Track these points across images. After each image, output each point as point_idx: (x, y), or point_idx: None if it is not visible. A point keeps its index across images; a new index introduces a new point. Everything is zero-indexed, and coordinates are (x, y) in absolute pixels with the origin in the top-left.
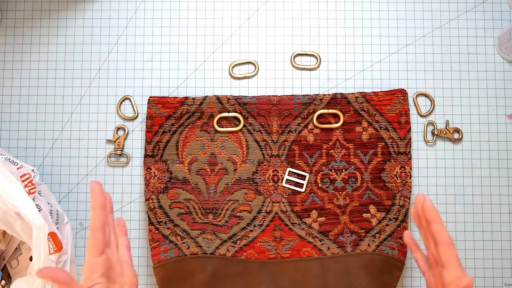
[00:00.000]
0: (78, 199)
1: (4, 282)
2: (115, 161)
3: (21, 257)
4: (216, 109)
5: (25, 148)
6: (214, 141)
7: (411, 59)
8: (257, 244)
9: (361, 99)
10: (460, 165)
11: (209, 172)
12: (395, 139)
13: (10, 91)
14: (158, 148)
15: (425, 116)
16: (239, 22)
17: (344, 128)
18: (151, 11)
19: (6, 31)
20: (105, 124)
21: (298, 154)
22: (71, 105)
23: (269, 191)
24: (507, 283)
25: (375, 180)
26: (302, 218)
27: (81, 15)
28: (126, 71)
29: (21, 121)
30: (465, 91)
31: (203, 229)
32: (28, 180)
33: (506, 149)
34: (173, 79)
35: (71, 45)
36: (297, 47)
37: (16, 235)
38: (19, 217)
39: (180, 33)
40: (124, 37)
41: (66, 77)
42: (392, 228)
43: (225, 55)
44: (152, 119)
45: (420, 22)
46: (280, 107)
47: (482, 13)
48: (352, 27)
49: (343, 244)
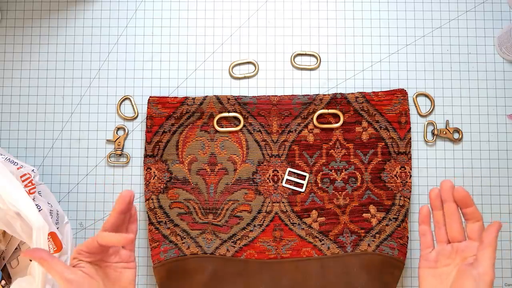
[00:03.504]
0: (78, 199)
1: (4, 282)
2: (115, 161)
3: (21, 257)
4: (216, 109)
5: (25, 148)
6: (214, 141)
7: (411, 59)
8: (257, 244)
9: (361, 99)
10: (460, 165)
11: (209, 172)
12: (395, 139)
13: (10, 91)
14: (158, 148)
15: (425, 116)
16: (239, 22)
17: (344, 128)
18: (151, 11)
19: (6, 31)
20: (105, 124)
21: (298, 154)
22: (71, 105)
23: (269, 191)
24: (507, 283)
25: (375, 180)
26: (302, 218)
27: (81, 15)
28: (126, 71)
29: (21, 121)
30: (465, 91)
31: (203, 229)
32: (28, 180)
33: (506, 149)
34: (173, 79)
35: (71, 45)
36: (297, 47)
37: (16, 235)
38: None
39: (180, 33)
40: (124, 37)
41: (66, 77)
42: (392, 228)
43: (225, 55)
44: (152, 119)
45: (420, 22)
46: (280, 107)
47: (482, 13)
48: (352, 27)
49: (343, 244)
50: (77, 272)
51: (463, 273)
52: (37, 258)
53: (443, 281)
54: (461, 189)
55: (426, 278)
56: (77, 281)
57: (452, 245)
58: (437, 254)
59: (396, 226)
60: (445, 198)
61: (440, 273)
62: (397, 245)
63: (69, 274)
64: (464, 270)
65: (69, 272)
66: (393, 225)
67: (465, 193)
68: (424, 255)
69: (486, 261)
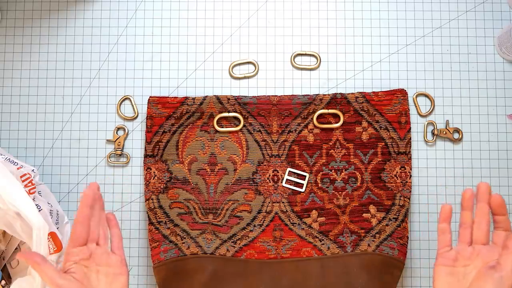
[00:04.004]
0: (78, 199)
1: (4, 282)
2: (115, 161)
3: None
4: (216, 109)
5: (25, 148)
6: (214, 141)
7: (411, 59)
8: (257, 244)
9: (361, 99)
10: (460, 165)
11: (209, 172)
12: (395, 139)
13: (10, 91)
14: (158, 148)
15: (425, 116)
16: (239, 22)
17: (344, 128)
18: (151, 11)
19: (6, 31)
20: (105, 124)
21: (298, 154)
22: (71, 105)
23: (269, 191)
24: None
25: (375, 180)
26: (302, 218)
27: (81, 15)
28: (126, 71)
29: (21, 121)
30: (465, 91)
31: (203, 229)
32: (28, 180)
33: (506, 149)
34: (173, 79)
35: (71, 45)
36: (297, 47)
37: (16, 235)
38: (19, 217)
39: (180, 33)
40: (124, 37)
41: (66, 77)
42: (392, 228)
43: (225, 55)
44: (152, 119)
45: (420, 22)
46: (280, 107)
47: (482, 13)
48: (352, 27)
49: (343, 244)
50: (67, 277)
51: (484, 275)
52: (31, 261)
53: (460, 280)
54: (499, 196)
55: (442, 275)
56: (67, 286)
57: (474, 247)
58: (456, 253)
59: (396, 226)
60: (480, 199)
61: (457, 272)
62: (397, 245)
63: (60, 280)
64: (485, 272)
65: (59, 277)
66: (393, 225)
67: (503, 201)
68: (442, 253)
69: (509, 266)
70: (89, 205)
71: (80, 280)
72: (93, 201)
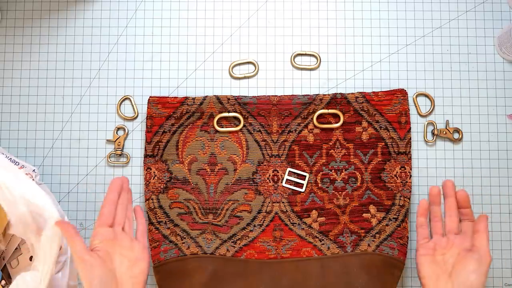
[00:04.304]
0: (78, 199)
1: (4, 282)
2: (115, 161)
3: (21, 257)
4: (216, 109)
5: (25, 148)
6: (214, 141)
7: (411, 59)
8: (257, 244)
9: (361, 99)
10: (460, 165)
11: (209, 172)
12: (395, 139)
13: (10, 91)
14: (158, 148)
15: (425, 116)
16: (239, 22)
17: (344, 128)
18: (151, 11)
19: (6, 31)
20: (105, 124)
21: (298, 154)
22: (71, 105)
23: (269, 191)
24: (507, 283)
25: (375, 180)
26: (302, 218)
27: (81, 15)
28: (126, 71)
29: (21, 121)
30: (465, 91)
31: (203, 229)
32: None
33: (506, 149)
34: (173, 79)
35: (71, 45)
36: (297, 47)
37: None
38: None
39: (180, 33)
40: (124, 37)
41: (66, 77)
42: (392, 228)
43: (225, 55)
44: (152, 119)
45: (420, 22)
46: (280, 107)
47: (482, 13)
48: (352, 27)
49: (343, 244)
50: (93, 254)
51: (464, 258)
52: (65, 230)
53: (442, 266)
54: (465, 191)
55: (426, 264)
56: (90, 263)
57: (448, 238)
58: (434, 244)
59: (396, 226)
60: (447, 194)
61: (438, 260)
62: (397, 245)
63: (86, 255)
64: (465, 255)
65: (86, 253)
66: (393, 225)
67: (467, 195)
68: (422, 244)
69: (484, 246)
70: (117, 191)
71: (104, 259)
72: (121, 189)
